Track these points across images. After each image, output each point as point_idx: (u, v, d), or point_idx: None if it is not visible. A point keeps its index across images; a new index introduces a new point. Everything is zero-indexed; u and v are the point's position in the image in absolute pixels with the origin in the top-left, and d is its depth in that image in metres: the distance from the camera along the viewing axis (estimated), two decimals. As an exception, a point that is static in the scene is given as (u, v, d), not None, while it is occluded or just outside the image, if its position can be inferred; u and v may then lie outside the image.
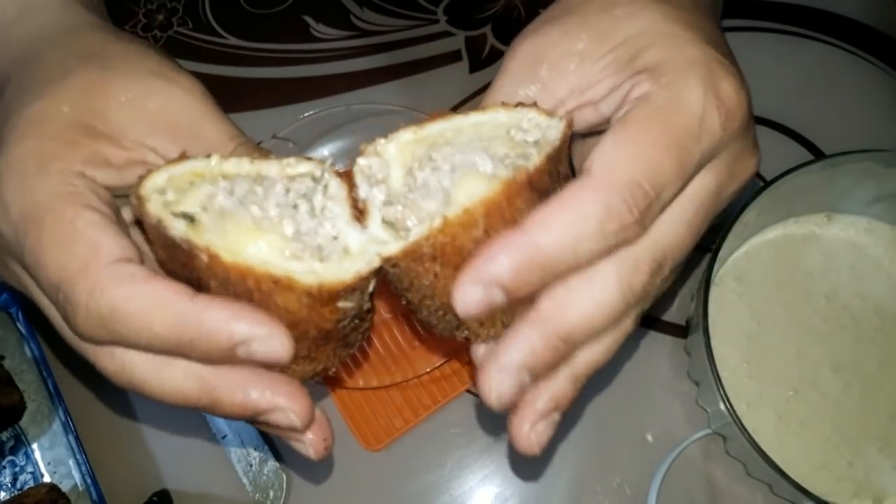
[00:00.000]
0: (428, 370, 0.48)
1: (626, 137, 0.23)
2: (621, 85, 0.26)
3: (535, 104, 0.27)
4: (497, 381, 0.24)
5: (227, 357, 0.24)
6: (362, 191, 0.25)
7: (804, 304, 0.48)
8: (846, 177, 0.46)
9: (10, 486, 0.49)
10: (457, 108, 0.58)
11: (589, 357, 0.27)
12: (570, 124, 0.26)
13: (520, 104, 0.27)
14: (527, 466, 0.48)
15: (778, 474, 0.39)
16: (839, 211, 0.50)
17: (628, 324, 0.28)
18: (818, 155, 0.55)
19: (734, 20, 0.61)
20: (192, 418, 0.50)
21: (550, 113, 0.26)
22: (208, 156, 0.26)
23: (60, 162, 0.26)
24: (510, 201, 0.23)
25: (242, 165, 0.25)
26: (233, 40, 0.64)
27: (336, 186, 0.25)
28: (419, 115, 0.55)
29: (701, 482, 0.47)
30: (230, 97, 0.61)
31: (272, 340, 0.23)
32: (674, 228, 0.25)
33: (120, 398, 0.51)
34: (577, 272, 0.23)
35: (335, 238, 0.24)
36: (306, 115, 0.56)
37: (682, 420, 0.48)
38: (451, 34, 0.62)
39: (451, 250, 0.23)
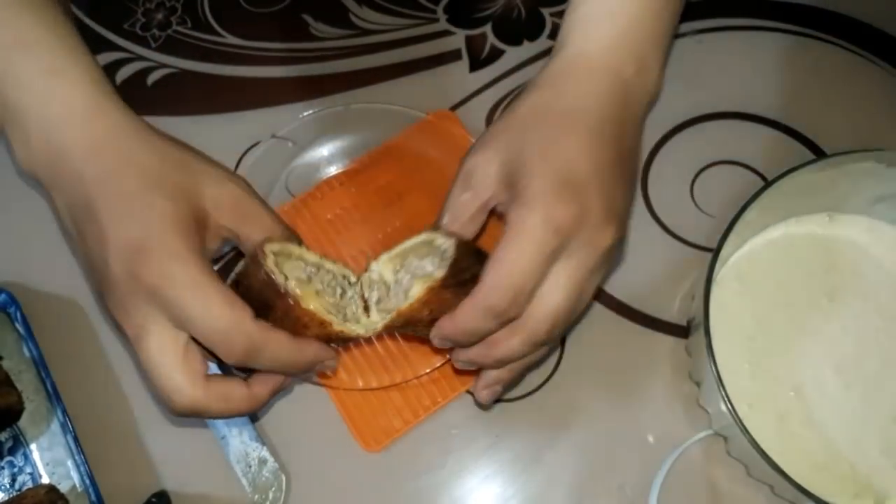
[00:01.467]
0: (428, 370, 0.48)
1: (495, 256, 0.35)
2: (507, 202, 0.37)
3: (439, 227, 0.40)
4: (461, 365, 0.41)
5: (309, 368, 0.38)
6: (366, 292, 0.40)
7: (805, 304, 0.48)
8: (848, 176, 0.46)
9: (8, 486, 0.49)
10: (456, 108, 0.58)
11: (519, 363, 0.40)
12: (456, 244, 0.37)
13: (435, 226, 0.40)
14: (527, 467, 0.48)
15: (779, 475, 0.39)
16: (841, 211, 0.50)
17: (542, 350, 0.40)
18: (819, 154, 0.55)
19: (734, 20, 0.61)
20: (191, 420, 0.50)
21: (448, 234, 0.39)
22: (299, 243, 0.40)
23: (197, 245, 0.35)
24: (437, 294, 0.37)
25: (310, 256, 0.39)
26: (232, 39, 0.64)
27: (355, 289, 0.40)
28: (419, 114, 0.55)
29: (702, 483, 0.47)
30: (229, 96, 0.61)
31: (334, 361, 0.39)
32: (547, 299, 0.36)
33: (119, 399, 0.51)
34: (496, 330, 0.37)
35: (354, 312, 0.40)
36: (306, 114, 0.56)
37: (683, 421, 0.48)
38: (450, 33, 0.62)
39: (414, 321, 0.39)
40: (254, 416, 0.50)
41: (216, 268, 0.52)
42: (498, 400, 0.49)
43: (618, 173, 0.36)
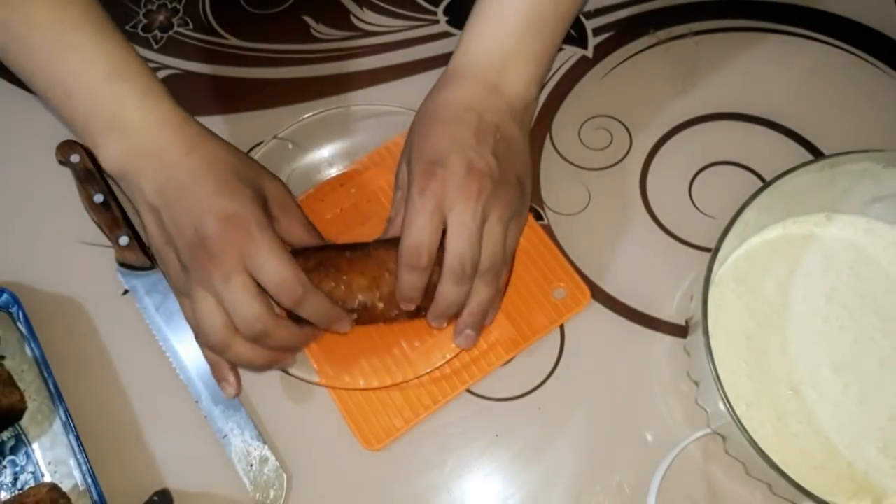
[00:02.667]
0: (428, 370, 0.49)
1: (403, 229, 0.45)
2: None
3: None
4: (434, 322, 0.48)
5: (334, 321, 0.47)
6: None
7: (803, 304, 0.48)
8: (845, 177, 0.47)
9: (10, 485, 0.49)
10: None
11: (475, 305, 0.46)
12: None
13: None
14: (527, 465, 0.48)
15: (777, 474, 0.39)
16: (838, 211, 0.50)
17: (485, 290, 0.46)
18: (817, 155, 0.56)
19: (732, 21, 0.61)
20: (193, 418, 0.50)
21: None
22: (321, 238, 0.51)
23: (269, 219, 0.45)
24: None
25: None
26: (233, 40, 0.64)
27: None
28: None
29: (700, 481, 0.47)
30: (230, 97, 0.61)
31: (348, 323, 0.48)
32: (448, 244, 0.44)
33: (121, 398, 0.51)
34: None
35: None
36: (306, 115, 0.56)
37: (682, 419, 0.48)
38: (451, 35, 0.62)
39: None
40: (255, 416, 0.50)
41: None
42: (498, 399, 0.50)
43: (481, 142, 0.45)
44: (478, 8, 0.49)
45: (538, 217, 0.55)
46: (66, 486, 0.48)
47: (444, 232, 0.44)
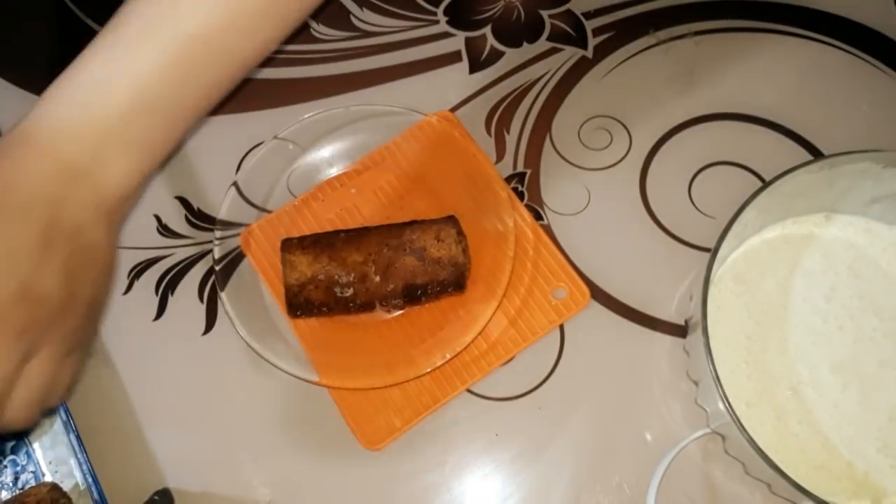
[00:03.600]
0: (428, 370, 0.49)
1: None
2: None
3: None
4: None
5: None
6: None
7: (803, 304, 0.48)
8: (845, 177, 0.47)
9: (11, 485, 0.49)
10: (456, 109, 0.59)
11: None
12: None
13: None
14: (526, 465, 0.48)
15: (777, 473, 0.39)
16: (838, 211, 0.50)
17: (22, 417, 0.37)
18: (817, 155, 0.56)
19: (732, 21, 0.61)
20: (193, 417, 0.50)
21: None
22: None
23: None
24: None
25: None
26: (233, 41, 0.64)
27: None
28: (419, 116, 0.55)
29: (700, 481, 0.47)
30: (231, 97, 0.61)
31: None
32: None
33: (122, 397, 0.51)
34: None
35: None
36: (307, 116, 0.56)
37: (681, 419, 0.48)
38: (451, 35, 0.62)
39: None
40: (255, 416, 0.50)
41: (223, 263, 0.52)
42: (498, 399, 0.50)
43: (46, 252, 0.34)
44: (83, 56, 0.38)
45: (538, 217, 0.55)
46: (66, 486, 0.48)
47: None
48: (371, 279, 0.48)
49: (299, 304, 0.49)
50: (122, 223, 0.41)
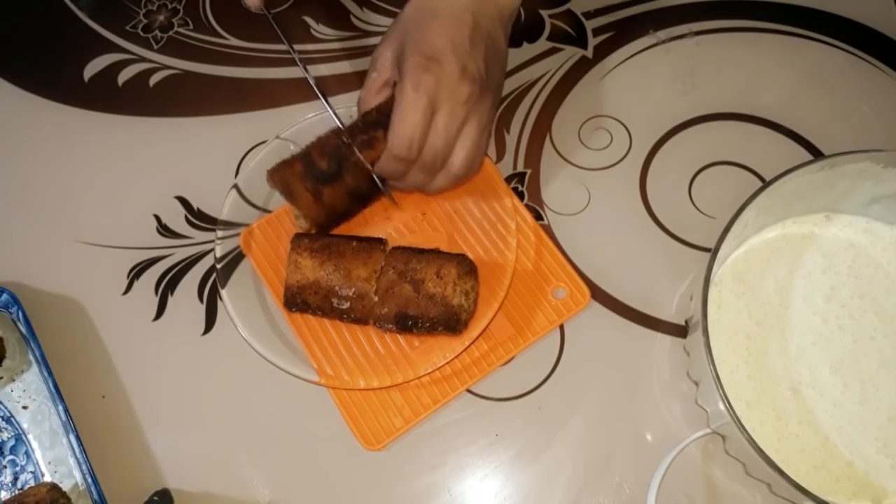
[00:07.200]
0: (428, 370, 0.49)
1: (391, 120, 0.47)
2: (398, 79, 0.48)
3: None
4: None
5: None
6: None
7: (803, 304, 0.48)
8: (845, 177, 0.47)
9: (10, 485, 0.49)
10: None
11: (437, 184, 0.50)
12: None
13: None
14: (526, 465, 0.48)
15: (777, 473, 0.39)
16: (838, 211, 0.50)
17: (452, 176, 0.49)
18: (817, 155, 0.56)
19: (732, 21, 0.61)
20: (193, 417, 0.50)
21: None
22: None
23: None
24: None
25: None
26: (233, 41, 0.64)
27: None
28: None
29: (700, 481, 0.47)
30: (231, 98, 0.61)
31: None
32: (431, 139, 0.47)
33: (121, 397, 0.51)
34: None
35: None
36: (308, 116, 0.56)
37: (682, 419, 0.48)
38: (451, 35, 0.62)
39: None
40: (254, 416, 0.50)
41: (224, 262, 0.52)
42: (498, 399, 0.50)
43: (474, 47, 0.47)
44: None
45: (538, 217, 0.55)
46: (66, 486, 0.48)
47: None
48: (369, 298, 0.47)
49: (296, 303, 0.49)
50: (509, 31, 0.52)
